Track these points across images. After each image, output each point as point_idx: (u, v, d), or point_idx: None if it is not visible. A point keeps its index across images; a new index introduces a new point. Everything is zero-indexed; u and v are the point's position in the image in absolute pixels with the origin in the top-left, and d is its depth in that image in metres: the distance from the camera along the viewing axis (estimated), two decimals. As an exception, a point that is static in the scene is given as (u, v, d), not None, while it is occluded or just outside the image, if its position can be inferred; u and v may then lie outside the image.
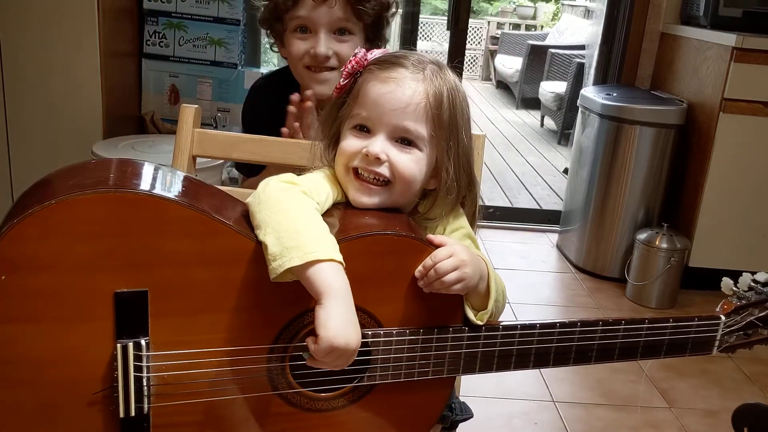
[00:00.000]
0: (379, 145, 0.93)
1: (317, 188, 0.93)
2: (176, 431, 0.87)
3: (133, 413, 0.83)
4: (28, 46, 2.37)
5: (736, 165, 2.71)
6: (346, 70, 0.97)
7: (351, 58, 0.97)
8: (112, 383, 0.82)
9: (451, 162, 0.96)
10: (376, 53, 0.98)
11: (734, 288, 1.09)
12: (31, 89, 2.42)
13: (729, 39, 2.60)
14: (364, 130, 0.95)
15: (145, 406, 0.84)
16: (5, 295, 0.77)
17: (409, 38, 3.35)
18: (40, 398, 0.81)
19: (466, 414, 1.11)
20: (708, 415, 2.06)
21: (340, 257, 0.83)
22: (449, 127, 0.95)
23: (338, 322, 0.81)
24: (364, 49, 0.98)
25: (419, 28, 3.45)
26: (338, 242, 0.85)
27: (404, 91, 0.93)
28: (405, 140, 0.94)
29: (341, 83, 0.98)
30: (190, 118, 1.18)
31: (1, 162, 2.46)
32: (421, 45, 8.47)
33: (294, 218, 0.85)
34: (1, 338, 0.79)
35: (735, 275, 1.13)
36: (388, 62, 0.96)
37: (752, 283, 1.09)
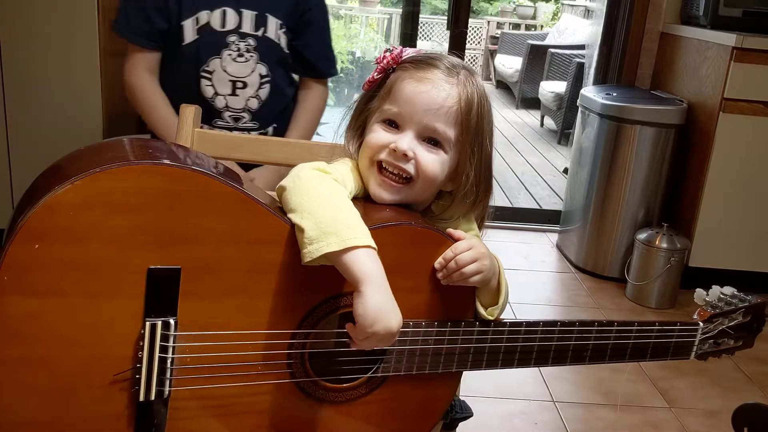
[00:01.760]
0: (408, 141, 0.95)
1: (344, 178, 0.95)
2: (191, 415, 0.87)
3: (153, 396, 0.82)
4: (28, 46, 2.37)
5: (736, 165, 2.71)
6: (381, 65, 0.99)
7: (386, 54, 0.99)
8: (134, 364, 0.81)
9: (472, 167, 0.98)
10: (409, 52, 0.99)
11: (706, 299, 1.16)
12: (31, 89, 2.42)
13: (729, 39, 2.60)
14: (393, 125, 0.97)
15: (166, 389, 0.83)
16: (35, 267, 0.75)
17: (409, 38, 3.34)
18: (57, 379, 0.79)
19: (466, 412, 1.12)
20: (708, 415, 2.06)
21: (374, 244, 0.85)
22: (475, 133, 0.97)
23: (376, 308, 0.82)
24: (400, 47, 1.00)
25: (419, 27, 3.44)
26: None
27: (439, 93, 0.94)
28: (432, 140, 0.96)
29: (374, 77, 0.99)
30: (190, 118, 1.18)
31: (1, 162, 2.46)
32: (421, 45, 8.45)
33: (331, 205, 0.86)
34: (25, 313, 0.76)
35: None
36: (424, 62, 0.97)
37: (721, 295, 1.16)
